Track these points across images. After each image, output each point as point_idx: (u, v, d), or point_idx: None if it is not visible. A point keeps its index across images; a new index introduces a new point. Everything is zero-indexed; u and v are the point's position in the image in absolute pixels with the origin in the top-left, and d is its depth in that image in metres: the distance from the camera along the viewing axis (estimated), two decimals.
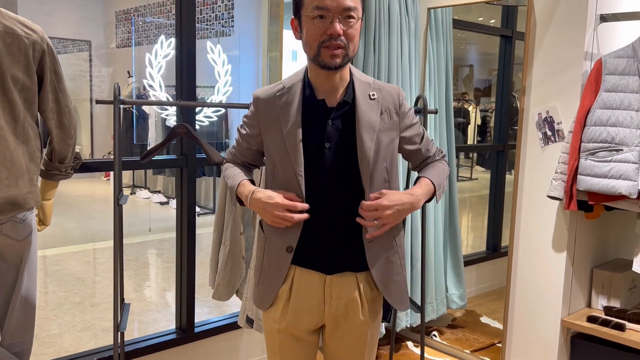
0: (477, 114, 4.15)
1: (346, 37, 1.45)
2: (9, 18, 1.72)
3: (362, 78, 1.58)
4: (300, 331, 1.61)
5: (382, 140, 1.53)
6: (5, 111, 1.71)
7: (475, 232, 4.31)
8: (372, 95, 1.55)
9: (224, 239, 2.37)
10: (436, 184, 1.62)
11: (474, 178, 4.52)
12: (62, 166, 1.93)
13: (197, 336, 2.68)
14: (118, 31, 8.43)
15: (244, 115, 1.66)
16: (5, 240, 1.77)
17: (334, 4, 1.42)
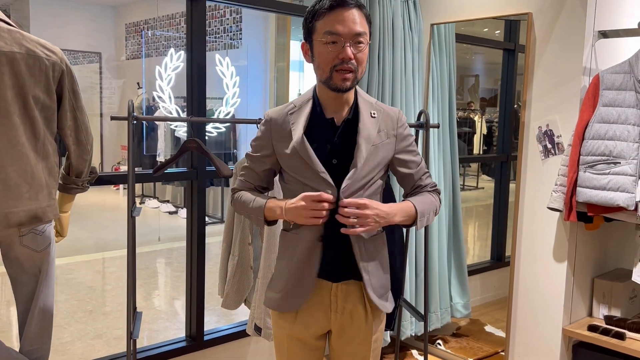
0: (483, 123, 4.21)
1: (356, 60, 1.54)
2: (30, 41, 1.81)
3: (366, 98, 1.68)
4: (307, 336, 1.69)
5: (376, 153, 1.62)
6: (26, 129, 1.80)
7: (481, 241, 4.37)
8: (372, 114, 1.64)
9: (233, 250, 2.45)
10: (419, 210, 1.65)
11: (480, 187, 4.58)
12: (79, 180, 2.03)
13: (207, 344, 2.76)
14: (128, 43, 8.58)
15: (253, 139, 1.72)
16: (25, 251, 1.86)
17: (346, 30, 1.51)
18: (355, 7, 1.54)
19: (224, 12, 6.80)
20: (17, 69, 1.76)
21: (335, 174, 1.59)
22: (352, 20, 1.52)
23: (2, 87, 1.74)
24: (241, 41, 6.69)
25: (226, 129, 6.55)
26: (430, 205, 1.70)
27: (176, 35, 7.59)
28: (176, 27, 7.63)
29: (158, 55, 7.97)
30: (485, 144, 4.32)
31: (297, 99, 1.68)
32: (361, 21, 1.54)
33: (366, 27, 1.56)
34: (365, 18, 1.56)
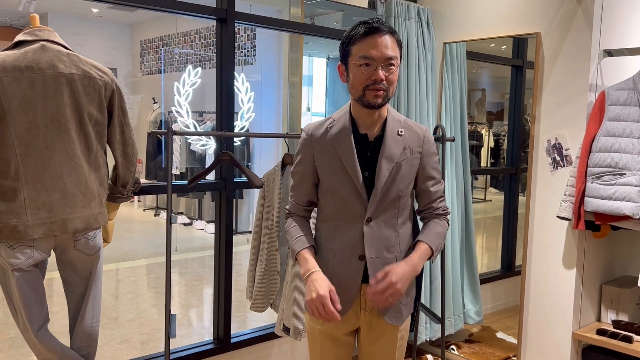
0: (490, 137, 4.35)
1: (387, 81, 1.69)
2: (86, 63, 2.00)
3: (395, 116, 1.82)
4: (338, 332, 1.85)
5: (400, 169, 1.76)
6: (81, 143, 1.98)
7: (490, 252, 4.49)
8: (400, 132, 1.78)
9: (261, 255, 2.61)
10: (434, 247, 1.79)
11: (487, 200, 4.71)
12: (125, 190, 2.20)
13: (233, 346, 2.90)
14: (143, 59, 8.81)
15: (296, 154, 1.87)
16: (78, 255, 2.02)
17: (378, 54, 1.67)
18: (388, 33, 1.70)
19: (238, 29, 7.01)
20: (74, 89, 1.94)
21: (366, 185, 1.76)
22: (385, 45, 1.67)
23: (62, 104, 1.92)
24: (255, 57, 6.89)
25: (241, 143, 6.74)
26: (441, 236, 1.84)
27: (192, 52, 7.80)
28: (191, 44, 7.85)
29: (172, 72, 8.18)
30: (493, 157, 4.44)
31: (335, 114, 1.84)
32: (392, 46, 1.69)
33: (397, 51, 1.71)
34: (396, 43, 1.72)
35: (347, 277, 1.79)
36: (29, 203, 1.88)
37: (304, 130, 1.85)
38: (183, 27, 7.86)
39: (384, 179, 1.75)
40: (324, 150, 1.79)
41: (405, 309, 1.87)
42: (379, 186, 1.74)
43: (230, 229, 2.88)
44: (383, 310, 1.81)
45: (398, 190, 1.77)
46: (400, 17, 3.20)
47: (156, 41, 8.53)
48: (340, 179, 1.76)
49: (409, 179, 1.79)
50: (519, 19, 3.05)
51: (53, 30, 2.01)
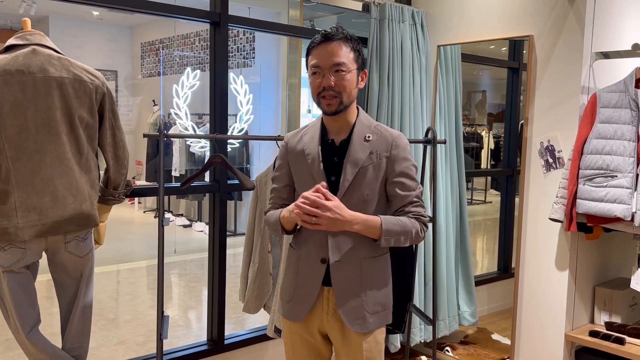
0: (490, 138, 4.36)
1: (338, 87, 1.71)
2: (77, 67, 2.02)
3: (365, 122, 1.81)
4: (309, 336, 1.86)
5: (366, 174, 1.75)
6: (72, 146, 2.00)
7: (489, 253, 4.50)
8: (367, 137, 1.77)
9: (253, 257, 2.62)
10: (385, 228, 1.70)
11: (488, 201, 4.72)
12: (116, 192, 2.22)
13: (227, 347, 2.92)
14: (144, 62, 8.85)
15: (275, 158, 1.93)
16: (69, 257, 2.05)
17: (325, 62, 1.71)
18: (338, 40, 1.71)
19: (237, 32, 7.04)
20: (65, 92, 1.97)
21: (333, 190, 1.76)
22: (331, 53, 1.70)
23: (53, 108, 1.94)
24: (254, 60, 6.91)
25: (239, 145, 6.76)
26: (402, 227, 1.73)
27: (191, 55, 7.83)
28: (190, 46, 7.88)
29: (173, 74, 8.22)
30: (493, 159, 4.45)
31: (311, 122, 1.89)
32: (341, 52, 1.71)
33: (349, 56, 1.72)
34: (350, 48, 1.73)
35: (309, 280, 1.81)
36: (20, 205, 1.90)
37: (283, 138, 1.90)
38: (183, 30, 7.89)
39: (347, 183, 1.75)
40: (297, 158, 1.83)
41: (373, 317, 1.79)
42: (342, 190, 1.75)
43: (224, 230, 2.89)
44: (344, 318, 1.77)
45: (363, 194, 1.75)
46: (394, 20, 3.21)
47: (156, 43, 8.56)
48: (308, 184, 1.77)
49: (374, 185, 1.76)
50: (512, 21, 3.06)
51: (44, 35, 2.03)
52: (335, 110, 1.73)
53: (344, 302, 1.77)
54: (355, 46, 1.75)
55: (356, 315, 1.77)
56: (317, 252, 1.78)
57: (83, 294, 2.10)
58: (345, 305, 1.77)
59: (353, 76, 1.74)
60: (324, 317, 1.82)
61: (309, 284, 1.81)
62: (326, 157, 1.79)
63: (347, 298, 1.77)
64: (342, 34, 1.73)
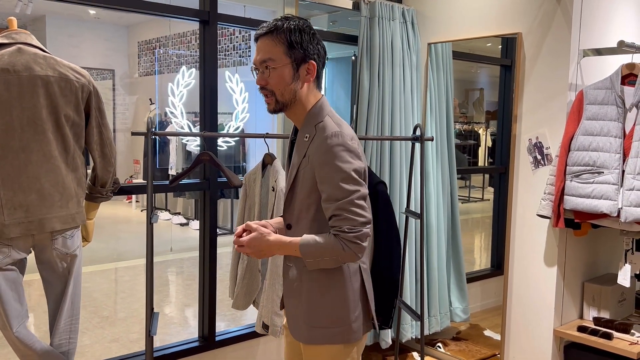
0: (488, 136, 4.37)
1: (268, 84, 1.59)
2: (63, 65, 2.04)
3: (311, 119, 1.63)
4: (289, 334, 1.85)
5: (303, 177, 1.61)
6: (59, 144, 2.02)
7: (486, 251, 4.50)
8: (306, 137, 1.62)
9: (242, 254, 2.64)
10: (303, 246, 1.57)
11: (485, 199, 4.72)
12: (104, 190, 2.24)
13: (218, 344, 2.94)
14: (140, 61, 8.86)
15: None
16: (56, 254, 2.06)
17: (255, 60, 1.61)
18: (264, 35, 1.59)
19: (233, 30, 7.05)
20: (51, 91, 1.98)
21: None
22: (258, 50, 1.60)
23: (38, 106, 1.96)
24: (250, 58, 6.92)
25: (236, 143, 6.77)
26: (320, 247, 1.56)
27: (187, 53, 7.85)
28: (187, 45, 7.89)
29: (170, 72, 8.23)
30: (491, 157, 4.45)
31: None
32: (266, 48, 1.58)
33: (276, 50, 1.57)
34: (278, 40, 1.57)
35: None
36: (6, 203, 1.92)
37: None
38: (179, 28, 7.90)
39: (288, 186, 1.68)
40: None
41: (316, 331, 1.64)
42: (282, 193, 1.76)
43: (215, 227, 2.91)
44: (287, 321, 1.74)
45: (301, 199, 1.63)
46: (384, 18, 3.23)
47: (153, 42, 8.57)
48: None
49: (307, 189, 1.61)
50: (501, 19, 3.08)
51: (30, 34, 2.05)
52: (273, 109, 1.63)
53: (287, 306, 1.73)
54: (291, 37, 1.57)
55: (295, 322, 1.69)
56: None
57: (71, 291, 2.12)
58: (288, 308, 1.72)
59: (284, 71, 1.57)
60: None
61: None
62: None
63: (289, 302, 1.71)
64: (271, 26, 1.58)
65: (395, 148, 3.29)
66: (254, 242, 1.60)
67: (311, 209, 1.62)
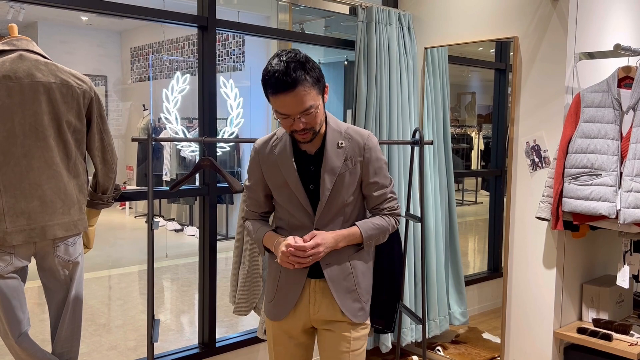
0: (480, 139, 4.39)
1: (308, 125, 1.70)
2: (64, 72, 2.03)
3: (335, 127, 1.82)
4: (293, 330, 1.89)
5: (344, 180, 1.80)
6: (60, 150, 2.01)
7: (480, 253, 4.53)
8: (340, 144, 1.81)
9: (243, 259, 2.63)
10: (365, 235, 1.83)
11: (479, 202, 4.74)
12: (105, 196, 2.23)
13: (219, 350, 2.92)
14: (133, 67, 8.84)
15: (248, 168, 1.93)
16: (58, 261, 2.05)
17: (290, 111, 1.66)
18: (298, 86, 1.62)
19: (227, 36, 7.05)
20: (52, 97, 1.97)
21: (313, 198, 1.83)
22: (294, 104, 1.64)
23: (40, 113, 1.95)
24: (244, 64, 6.92)
25: (230, 148, 6.76)
26: (380, 229, 1.86)
27: (181, 59, 7.84)
28: (180, 50, 7.88)
29: (163, 78, 8.21)
30: (483, 160, 4.47)
31: (279, 130, 1.87)
32: (303, 97, 1.64)
33: (312, 94, 1.66)
34: (309, 84, 1.65)
35: (293, 281, 1.86)
36: (8, 210, 1.91)
37: (253, 146, 1.91)
38: (172, 34, 7.89)
39: (328, 192, 1.80)
40: (270, 168, 1.85)
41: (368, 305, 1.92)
42: (323, 200, 1.80)
43: (214, 233, 2.91)
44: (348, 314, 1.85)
45: (343, 200, 1.82)
46: (381, 23, 3.24)
47: (146, 48, 8.56)
48: (286, 195, 1.83)
49: (352, 188, 1.83)
50: (497, 23, 3.10)
51: (31, 40, 2.04)
52: (311, 139, 1.75)
53: (342, 299, 1.84)
54: (315, 76, 1.67)
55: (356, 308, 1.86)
56: None
57: (72, 299, 2.10)
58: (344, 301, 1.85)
59: (321, 108, 1.73)
60: (310, 310, 1.87)
61: (293, 285, 1.86)
62: (301, 167, 1.82)
63: (344, 294, 1.85)
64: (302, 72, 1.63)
65: (393, 152, 3.30)
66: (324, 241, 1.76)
67: (349, 205, 1.84)
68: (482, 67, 4.21)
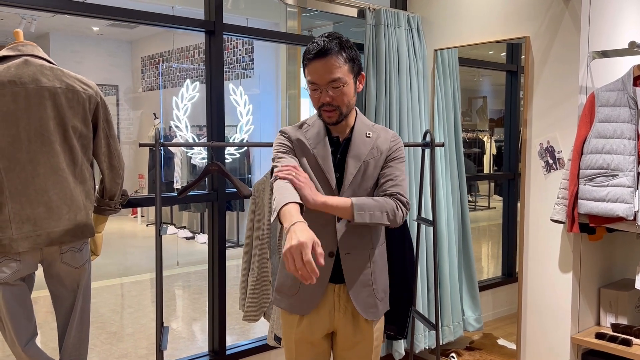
0: (492, 144, 4.34)
1: (336, 101, 1.73)
2: (69, 77, 2.02)
3: (364, 121, 1.88)
4: (313, 336, 1.85)
5: (368, 168, 1.81)
6: (66, 156, 1.99)
7: (494, 259, 4.46)
8: (367, 134, 1.84)
9: (252, 265, 2.60)
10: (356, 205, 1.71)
11: (492, 207, 4.68)
12: (112, 202, 2.21)
13: (229, 358, 2.89)
14: (144, 76, 8.88)
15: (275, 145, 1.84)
16: (65, 268, 2.03)
17: (320, 79, 1.71)
18: (329, 54, 1.69)
19: (236, 43, 7.06)
20: (58, 102, 1.96)
21: (338, 186, 1.82)
22: (325, 70, 1.70)
23: (46, 118, 1.93)
24: (253, 71, 6.92)
25: (240, 155, 6.75)
26: (376, 204, 1.75)
27: (191, 67, 7.86)
28: (190, 59, 7.91)
29: (173, 87, 8.24)
30: (496, 164, 4.42)
31: (309, 119, 1.88)
32: (335, 67, 1.70)
33: (344, 68, 1.71)
34: (344, 59, 1.72)
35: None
36: (14, 217, 1.89)
37: (280, 132, 1.88)
38: (182, 43, 7.92)
39: (351, 177, 1.80)
40: (302, 151, 1.83)
41: (382, 304, 1.90)
42: (346, 183, 1.79)
43: (224, 239, 2.87)
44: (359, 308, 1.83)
45: (367, 187, 1.82)
46: (390, 25, 3.21)
47: (156, 57, 8.60)
48: (316, 178, 1.80)
49: (375, 176, 1.84)
50: (508, 23, 3.05)
51: (36, 45, 2.03)
52: (336, 121, 1.77)
53: (356, 293, 1.82)
54: (350, 54, 1.75)
55: (369, 304, 1.84)
56: (324, 246, 1.78)
57: (80, 306, 2.08)
58: (358, 296, 1.82)
59: (350, 87, 1.75)
60: (335, 315, 1.84)
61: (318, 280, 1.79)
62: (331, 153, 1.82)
63: (359, 288, 1.83)
64: (337, 45, 1.71)
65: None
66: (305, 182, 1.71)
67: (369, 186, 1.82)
68: (493, 69, 4.16)
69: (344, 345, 1.88)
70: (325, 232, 1.79)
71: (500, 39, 3.12)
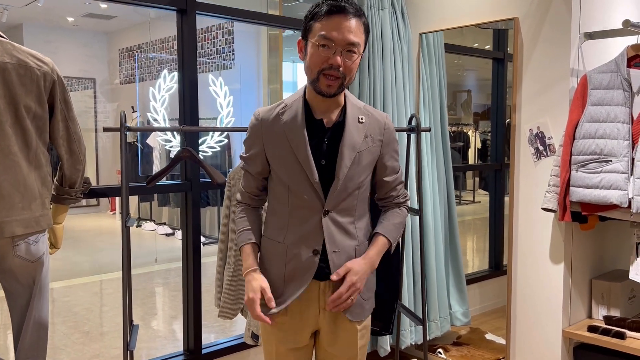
0: (477, 137, 4.25)
1: (345, 69, 1.55)
2: (21, 51, 1.83)
3: (354, 102, 1.69)
4: (296, 335, 1.70)
5: (362, 159, 1.64)
6: (18, 138, 1.81)
7: (479, 252, 4.37)
8: (360, 119, 1.65)
9: (228, 259, 2.44)
10: (392, 239, 1.73)
11: (476, 201, 4.59)
12: (72, 190, 2.03)
13: (205, 357, 2.73)
14: (122, 68, 8.66)
15: (244, 139, 1.73)
16: (19, 262, 1.85)
17: (340, 37, 1.52)
18: (355, 16, 1.54)
19: (216, 34, 6.88)
20: (8, 79, 1.78)
21: (323, 174, 1.62)
22: (348, 29, 1.52)
23: None
24: (234, 62, 6.75)
25: (221, 149, 6.58)
26: (400, 227, 1.77)
27: (169, 58, 7.66)
28: (169, 50, 7.71)
29: (152, 79, 8.04)
30: (481, 158, 4.35)
31: (288, 98, 1.68)
32: (357, 31, 1.54)
33: (362, 37, 1.57)
34: (363, 28, 1.58)
35: (300, 274, 1.64)
36: None
37: (253, 114, 1.70)
38: (159, 34, 7.72)
39: (346, 169, 1.61)
40: (275, 138, 1.64)
41: (367, 303, 1.76)
42: (341, 176, 1.61)
43: (198, 232, 2.72)
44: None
45: (359, 180, 1.66)
46: (373, 7, 3.07)
47: (134, 49, 8.38)
48: (292, 170, 1.61)
49: (369, 169, 1.69)
50: (495, 4, 2.93)
51: None
52: (334, 93, 1.58)
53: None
54: (367, 26, 1.61)
55: (356, 304, 1.70)
56: (308, 244, 1.63)
57: (36, 303, 1.91)
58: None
59: (358, 61, 1.60)
60: (319, 314, 1.69)
61: (301, 276, 1.65)
62: (313, 139, 1.62)
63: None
64: (358, 9, 1.57)
65: None
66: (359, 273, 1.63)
67: (361, 188, 1.68)
68: (479, 56, 4.05)
69: (327, 344, 1.73)
70: (310, 228, 1.63)
71: (488, 21, 2.99)
